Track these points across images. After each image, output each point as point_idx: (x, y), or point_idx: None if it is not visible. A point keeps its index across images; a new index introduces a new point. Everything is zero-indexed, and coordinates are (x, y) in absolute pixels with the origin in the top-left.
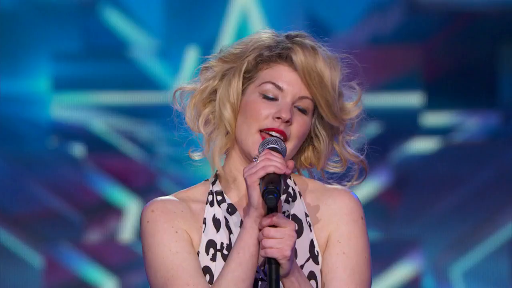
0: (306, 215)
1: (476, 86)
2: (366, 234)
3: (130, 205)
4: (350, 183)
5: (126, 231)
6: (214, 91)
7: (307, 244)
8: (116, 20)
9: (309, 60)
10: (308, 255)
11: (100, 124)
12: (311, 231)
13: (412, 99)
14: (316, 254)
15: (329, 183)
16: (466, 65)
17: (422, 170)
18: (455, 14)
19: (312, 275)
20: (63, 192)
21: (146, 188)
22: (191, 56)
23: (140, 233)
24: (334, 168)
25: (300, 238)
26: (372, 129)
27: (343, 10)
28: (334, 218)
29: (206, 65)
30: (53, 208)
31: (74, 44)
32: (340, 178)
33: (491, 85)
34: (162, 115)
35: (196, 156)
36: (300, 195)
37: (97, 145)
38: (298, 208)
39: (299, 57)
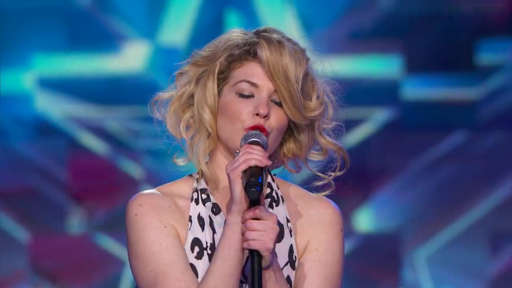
0: (288, 221)
1: (455, 81)
2: (343, 247)
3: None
4: (334, 173)
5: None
6: (192, 96)
7: (286, 249)
8: (102, 15)
9: (275, 54)
10: (287, 259)
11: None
12: (291, 236)
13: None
14: (294, 259)
15: (312, 191)
16: (445, 60)
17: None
18: (434, 9)
19: (288, 280)
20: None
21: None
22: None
23: (126, 226)
24: (318, 156)
25: (280, 243)
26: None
27: (323, 7)
28: (315, 227)
29: (180, 71)
30: None
31: (59, 39)
32: (323, 169)
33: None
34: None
35: (181, 161)
36: (283, 200)
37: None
38: (280, 212)
39: (264, 51)
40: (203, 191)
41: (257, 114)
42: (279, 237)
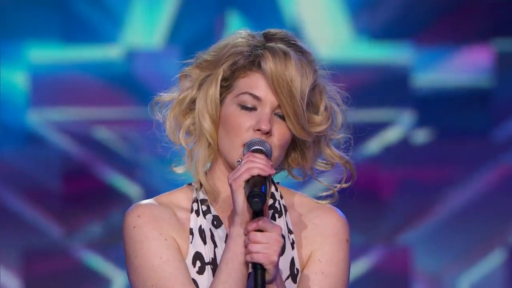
0: (290, 232)
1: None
2: (348, 258)
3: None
4: (340, 185)
5: None
6: (194, 101)
7: (287, 262)
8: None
9: (279, 67)
10: (288, 272)
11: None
12: (293, 249)
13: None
14: (296, 272)
15: (318, 197)
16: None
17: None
18: (445, 9)
19: None
20: None
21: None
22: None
23: (124, 239)
24: (325, 166)
25: (281, 256)
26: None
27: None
28: (319, 237)
29: (184, 73)
30: None
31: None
32: (331, 178)
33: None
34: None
35: (179, 170)
36: (286, 211)
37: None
38: (282, 224)
39: (268, 64)
40: (203, 202)
41: (259, 130)
42: (282, 251)
